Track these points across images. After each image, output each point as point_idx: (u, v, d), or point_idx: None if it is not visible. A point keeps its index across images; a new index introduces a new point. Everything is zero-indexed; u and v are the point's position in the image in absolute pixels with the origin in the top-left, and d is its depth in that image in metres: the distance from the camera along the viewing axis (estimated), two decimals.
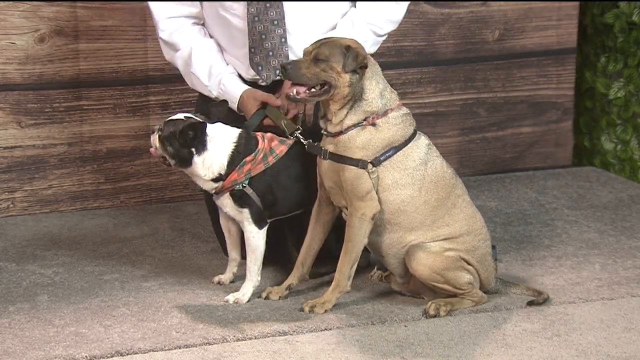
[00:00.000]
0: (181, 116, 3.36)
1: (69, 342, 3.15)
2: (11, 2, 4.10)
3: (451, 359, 3.09)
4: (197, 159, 3.34)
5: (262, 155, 3.38)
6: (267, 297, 3.45)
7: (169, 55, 3.72)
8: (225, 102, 3.47)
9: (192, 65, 3.63)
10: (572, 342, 3.19)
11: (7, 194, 4.23)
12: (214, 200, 3.47)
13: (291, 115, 3.53)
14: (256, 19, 3.55)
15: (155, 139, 3.36)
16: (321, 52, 3.26)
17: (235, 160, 3.36)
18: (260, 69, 3.59)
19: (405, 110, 3.34)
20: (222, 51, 3.68)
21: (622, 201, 4.43)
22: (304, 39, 3.47)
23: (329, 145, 3.33)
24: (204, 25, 3.70)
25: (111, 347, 3.12)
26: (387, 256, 3.39)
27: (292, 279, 3.48)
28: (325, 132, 3.34)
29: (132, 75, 4.30)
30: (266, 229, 3.42)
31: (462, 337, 3.21)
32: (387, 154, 3.28)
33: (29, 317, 3.32)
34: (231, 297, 3.43)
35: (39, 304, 3.42)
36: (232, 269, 3.57)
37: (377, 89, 3.29)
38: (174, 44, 3.66)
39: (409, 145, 3.31)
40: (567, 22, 4.82)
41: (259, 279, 3.45)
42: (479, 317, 3.34)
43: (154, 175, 4.38)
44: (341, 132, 3.30)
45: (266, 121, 3.52)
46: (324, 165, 3.35)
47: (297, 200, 3.48)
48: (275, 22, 3.55)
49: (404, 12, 3.67)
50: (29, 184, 4.25)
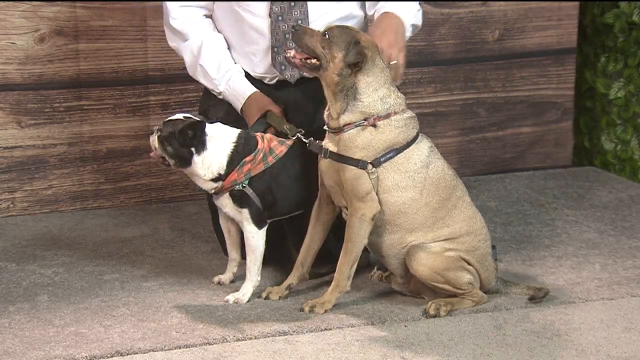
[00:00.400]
0: (180, 116, 3.36)
1: (69, 342, 3.15)
2: (11, 2, 4.10)
3: (451, 359, 3.09)
4: (196, 159, 3.34)
5: (261, 155, 3.38)
6: (267, 297, 3.45)
7: (175, 43, 3.70)
8: (223, 102, 3.47)
9: (201, 57, 3.62)
10: (572, 342, 3.19)
11: (7, 194, 4.23)
12: (213, 200, 3.47)
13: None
14: (280, 19, 3.55)
15: (154, 139, 3.36)
16: (332, 32, 3.27)
17: (234, 160, 3.36)
18: (284, 68, 3.59)
19: (410, 113, 3.34)
20: (229, 48, 3.67)
21: (622, 201, 4.43)
22: None
23: (331, 144, 3.33)
24: (212, 17, 3.69)
25: (111, 347, 3.12)
26: (387, 257, 3.39)
27: (292, 279, 3.48)
28: (327, 128, 3.34)
29: (132, 75, 4.30)
30: (266, 229, 3.42)
31: (462, 337, 3.21)
32: (387, 156, 3.28)
33: (29, 317, 3.32)
34: (231, 297, 3.43)
35: (39, 304, 3.42)
36: (232, 269, 3.57)
37: (375, 95, 3.28)
38: (184, 34, 3.65)
39: (410, 147, 3.31)
40: (567, 22, 4.82)
41: (259, 278, 3.45)
42: (479, 317, 3.34)
43: (154, 175, 4.38)
44: (341, 130, 3.30)
45: (269, 130, 3.52)
46: (325, 164, 3.35)
47: (297, 200, 3.48)
48: (299, 22, 3.55)
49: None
50: (29, 184, 4.25)
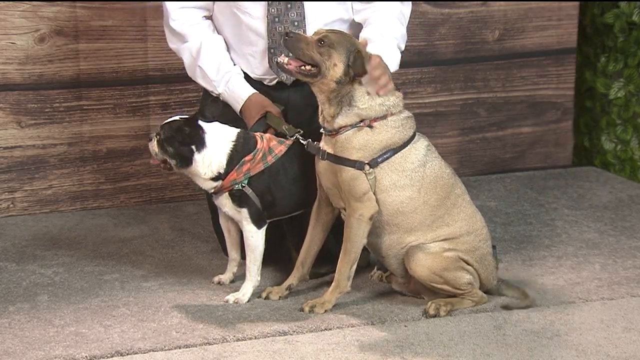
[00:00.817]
0: (176, 118, 3.37)
1: (69, 342, 3.15)
2: (11, 2, 4.10)
3: (451, 359, 3.09)
4: (197, 157, 3.34)
5: (261, 154, 3.39)
6: (267, 297, 3.45)
7: (174, 45, 3.70)
8: (218, 102, 3.47)
9: (200, 59, 3.62)
10: (572, 342, 3.19)
11: (7, 194, 4.23)
12: (213, 200, 3.47)
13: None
14: (276, 20, 3.55)
15: (153, 144, 3.36)
16: (329, 37, 3.26)
17: (233, 159, 3.37)
18: (280, 69, 3.59)
19: (407, 114, 3.34)
20: (229, 49, 3.68)
21: (622, 201, 4.43)
22: None
23: (328, 145, 3.33)
24: (211, 18, 3.69)
25: (111, 347, 3.12)
26: (387, 257, 3.39)
27: (292, 279, 3.48)
28: (323, 131, 3.34)
29: (132, 75, 4.30)
30: (265, 228, 3.42)
31: (462, 337, 3.21)
32: (384, 156, 3.28)
33: (29, 317, 3.32)
34: (231, 297, 3.43)
35: (39, 304, 3.42)
36: (232, 269, 3.57)
37: (372, 101, 3.27)
38: (184, 35, 3.65)
39: (407, 147, 3.31)
40: (567, 22, 4.82)
41: (259, 278, 3.45)
42: (479, 317, 3.34)
43: (154, 175, 4.38)
44: (337, 132, 3.30)
45: (269, 131, 3.52)
46: (322, 165, 3.35)
47: (296, 201, 3.48)
48: (295, 23, 3.55)
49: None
50: (29, 184, 4.25)
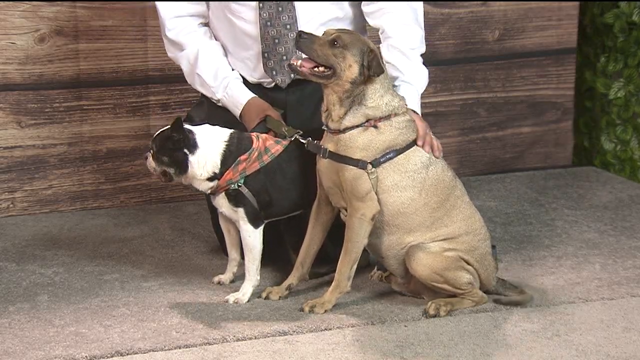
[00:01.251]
0: (163, 129, 3.38)
1: (69, 342, 3.15)
2: (11, 2, 4.10)
3: (451, 359, 3.09)
4: (191, 159, 3.34)
5: (256, 154, 3.39)
6: (267, 297, 3.45)
7: (172, 54, 3.71)
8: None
9: (198, 66, 3.63)
10: (572, 342, 3.19)
11: (7, 194, 4.23)
12: (211, 200, 3.47)
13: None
14: (269, 24, 3.55)
15: (150, 161, 3.38)
16: (342, 38, 3.25)
17: (228, 159, 3.37)
18: (274, 73, 3.59)
19: (410, 116, 3.34)
20: (226, 54, 3.68)
21: (622, 201, 4.43)
22: None
23: (330, 143, 3.33)
24: (208, 25, 3.70)
25: (111, 347, 3.12)
26: (387, 257, 3.39)
27: (292, 279, 3.48)
28: (326, 128, 3.34)
29: (132, 75, 4.30)
30: (262, 228, 3.42)
31: (462, 337, 3.21)
32: (387, 156, 3.28)
33: (29, 317, 3.32)
34: (231, 297, 3.43)
35: (39, 304, 3.42)
36: (232, 269, 3.57)
37: (380, 100, 3.28)
38: (180, 44, 3.66)
39: (410, 149, 3.31)
40: (567, 22, 4.82)
41: (258, 278, 3.45)
42: (479, 317, 3.34)
43: None
44: (341, 131, 3.30)
45: (269, 134, 3.52)
46: (324, 164, 3.34)
47: (294, 201, 3.47)
48: (287, 27, 3.55)
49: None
50: (29, 184, 4.25)
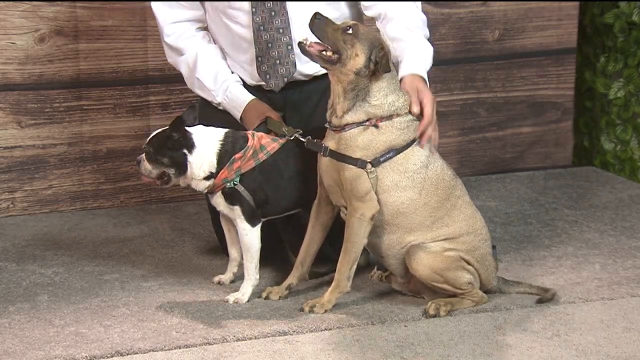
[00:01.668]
0: (159, 130, 3.38)
1: (69, 342, 3.15)
2: (11, 2, 4.10)
3: (451, 359, 3.09)
4: (190, 159, 3.35)
5: (251, 152, 3.39)
6: (267, 297, 3.45)
7: (172, 59, 3.73)
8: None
9: (197, 70, 3.63)
10: (572, 342, 3.19)
11: (7, 194, 4.23)
12: (210, 200, 3.48)
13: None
14: (262, 28, 3.55)
15: (144, 164, 3.37)
16: (357, 28, 3.25)
17: (223, 158, 3.37)
18: (268, 77, 3.59)
19: (411, 116, 3.34)
20: (225, 57, 3.68)
21: (622, 201, 4.43)
22: None
23: (331, 142, 3.33)
24: (207, 29, 3.71)
25: (111, 347, 3.12)
26: (387, 257, 3.39)
27: (292, 279, 3.48)
28: (328, 126, 3.34)
29: (132, 75, 4.30)
30: (259, 227, 3.42)
31: (462, 337, 3.21)
32: (387, 156, 3.28)
33: (29, 317, 3.32)
34: (231, 297, 3.43)
35: (39, 304, 3.42)
36: (232, 269, 3.57)
37: (384, 99, 3.28)
38: (179, 49, 3.67)
39: (410, 148, 3.31)
40: (567, 22, 4.82)
41: (258, 277, 3.45)
42: (479, 317, 3.34)
43: None
44: (342, 129, 3.29)
45: (270, 135, 3.52)
46: (324, 162, 3.34)
47: (291, 200, 3.47)
48: (280, 31, 3.55)
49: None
50: (29, 184, 4.25)
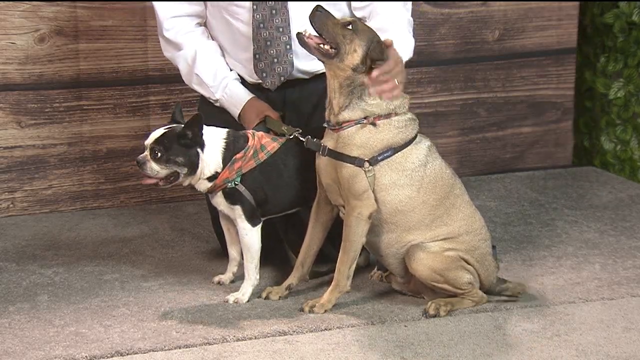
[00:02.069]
0: (161, 130, 3.34)
1: (69, 342, 3.15)
2: (11, 2, 4.10)
3: (451, 359, 3.09)
4: (202, 156, 3.34)
5: (252, 152, 3.39)
6: (267, 297, 3.45)
7: (169, 53, 3.71)
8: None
9: (196, 66, 3.63)
10: (572, 342, 3.19)
11: (7, 194, 4.23)
12: (210, 199, 3.48)
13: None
14: (261, 26, 3.55)
15: (151, 165, 3.30)
16: (357, 24, 3.25)
17: (227, 157, 3.37)
18: (264, 75, 3.59)
19: (410, 115, 3.34)
20: (224, 54, 3.68)
21: (622, 201, 4.43)
22: None
23: (329, 141, 3.33)
24: (205, 25, 3.70)
25: (111, 347, 3.12)
26: (386, 256, 3.39)
27: (292, 279, 3.48)
28: (327, 125, 3.34)
29: (132, 75, 4.30)
30: (260, 227, 3.42)
31: (462, 337, 3.21)
32: (385, 154, 3.28)
33: (29, 317, 3.32)
34: (231, 297, 3.43)
35: (39, 304, 3.42)
36: (232, 269, 3.57)
37: (381, 98, 3.28)
38: (178, 44, 3.66)
39: (408, 147, 3.31)
40: (567, 22, 4.82)
41: (258, 277, 3.45)
42: (479, 317, 3.34)
43: None
44: (340, 127, 3.29)
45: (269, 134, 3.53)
46: (322, 161, 3.35)
47: (289, 199, 3.47)
48: (280, 29, 3.55)
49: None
50: (29, 184, 4.25)
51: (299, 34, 3.28)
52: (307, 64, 3.60)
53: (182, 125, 3.35)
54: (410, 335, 3.22)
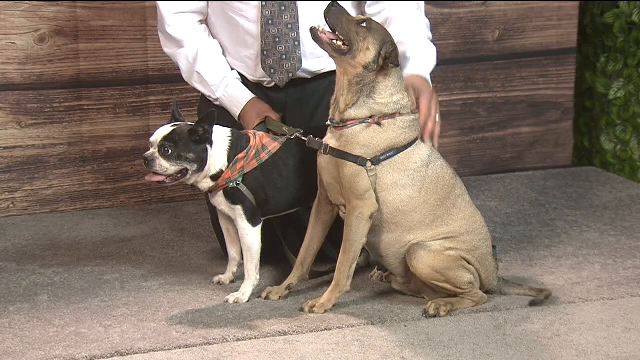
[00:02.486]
0: (169, 127, 3.33)
1: (69, 342, 3.15)
2: (11, 2, 4.10)
3: (451, 359, 3.09)
4: (211, 153, 3.33)
5: (254, 152, 3.39)
6: (267, 297, 3.45)
7: (170, 50, 3.70)
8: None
9: (197, 64, 3.62)
10: (572, 342, 3.19)
11: (7, 194, 4.23)
12: (209, 199, 3.47)
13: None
14: (270, 22, 3.54)
15: (160, 162, 3.27)
16: (371, 22, 3.25)
17: (231, 156, 3.37)
18: (273, 72, 3.59)
19: (414, 116, 3.34)
20: (224, 53, 3.68)
21: (622, 201, 4.43)
22: None
23: (332, 140, 3.32)
24: (206, 22, 3.70)
25: (111, 347, 3.12)
26: (386, 256, 3.39)
27: (292, 279, 3.48)
28: (330, 123, 3.33)
29: (132, 75, 4.30)
30: (260, 227, 3.42)
31: (462, 337, 3.21)
32: (387, 154, 3.28)
33: (29, 317, 3.32)
34: (231, 297, 3.43)
35: (39, 304, 3.42)
36: (232, 269, 3.57)
37: (390, 98, 3.28)
38: (179, 41, 3.65)
39: (410, 147, 3.31)
40: (567, 22, 4.82)
41: (258, 277, 3.45)
42: (479, 317, 3.34)
43: None
44: (344, 125, 3.29)
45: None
46: (324, 160, 3.34)
47: (289, 199, 3.47)
48: (289, 26, 3.55)
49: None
50: (29, 184, 4.25)
51: (313, 28, 3.26)
52: (313, 63, 3.60)
53: (186, 122, 3.35)
54: (410, 335, 3.22)
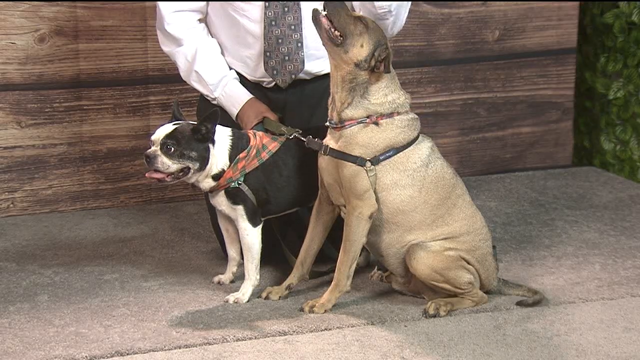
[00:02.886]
0: (170, 125, 3.33)
1: (69, 342, 3.15)
2: (11, 2, 4.10)
3: (451, 359, 3.09)
4: (213, 152, 3.33)
5: (255, 151, 3.39)
6: (267, 297, 3.45)
7: (168, 48, 3.69)
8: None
9: (196, 63, 3.62)
10: (572, 342, 3.19)
11: (7, 194, 4.23)
12: (210, 199, 3.47)
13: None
14: (273, 23, 3.54)
15: (162, 159, 3.27)
16: (369, 22, 3.26)
17: (232, 155, 3.37)
18: (275, 73, 3.59)
19: (413, 115, 3.34)
20: (224, 52, 3.68)
21: (622, 201, 4.43)
22: (320, 43, 3.36)
23: (332, 141, 3.33)
24: (205, 22, 3.69)
25: (111, 347, 3.12)
26: (386, 256, 3.39)
27: (292, 279, 3.48)
28: (329, 123, 3.34)
29: (132, 75, 4.30)
30: (260, 227, 3.42)
31: (462, 337, 3.21)
32: (387, 154, 3.28)
33: (29, 317, 3.32)
34: (231, 297, 3.43)
35: (39, 304, 3.42)
36: (231, 269, 3.57)
37: (384, 99, 3.28)
38: (179, 39, 3.65)
39: (410, 147, 3.31)
40: (567, 22, 4.82)
41: (258, 277, 3.45)
42: (479, 317, 3.34)
43: None
44: (342, 126, 3.29)
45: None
46: (324, 161, 3.34)
47: (289, 199, 3.47)
48: (292, 27, 3.55)
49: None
50: (29, 184, 4.25)
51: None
52: (313, 64, 3.60)
53: (187, 121, 3.35)
54: (410, 335, 3.22)
